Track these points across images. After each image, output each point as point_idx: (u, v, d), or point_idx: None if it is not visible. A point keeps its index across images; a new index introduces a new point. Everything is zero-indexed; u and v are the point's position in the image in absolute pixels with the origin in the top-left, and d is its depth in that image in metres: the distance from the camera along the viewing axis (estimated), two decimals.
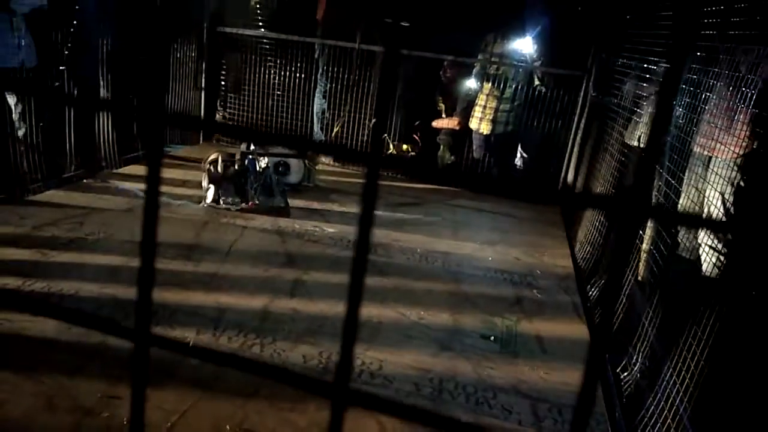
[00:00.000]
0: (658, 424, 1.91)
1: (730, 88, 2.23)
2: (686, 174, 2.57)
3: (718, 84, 2.24)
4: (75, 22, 3.66)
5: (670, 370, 1.96)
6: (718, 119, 2.36)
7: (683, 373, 1.86)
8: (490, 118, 4.75)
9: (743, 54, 2.18)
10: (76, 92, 3.80)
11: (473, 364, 2.29)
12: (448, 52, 4.83)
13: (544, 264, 3.45)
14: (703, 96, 2.33)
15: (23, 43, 3.19)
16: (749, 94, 2.11)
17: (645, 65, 3.12)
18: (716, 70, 2.24)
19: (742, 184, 2.46)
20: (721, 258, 2.41)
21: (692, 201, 2.56)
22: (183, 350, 0.33)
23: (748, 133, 2.30)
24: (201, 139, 5.39)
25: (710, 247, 2.45)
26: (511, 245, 3.70)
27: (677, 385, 1.87)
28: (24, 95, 3.36)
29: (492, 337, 2.52)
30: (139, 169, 4.24)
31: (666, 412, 1.88)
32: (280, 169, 4.09)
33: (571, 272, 3.38)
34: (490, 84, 4.73)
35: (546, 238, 3.95)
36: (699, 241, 2.51)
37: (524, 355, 2.43)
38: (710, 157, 2.52)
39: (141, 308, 0.31)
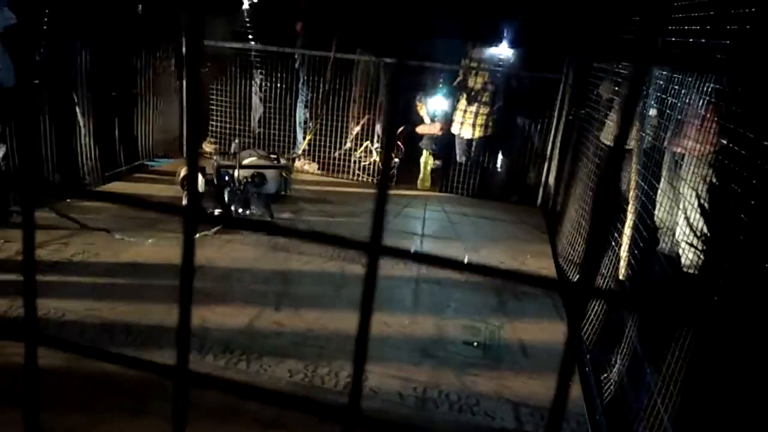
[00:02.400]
0: (641, 427, 1.95)
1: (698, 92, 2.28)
2: (663, 172, 2.63)
3: (685, 89, 2.29)
4: (45, 38, 3.64)
5: (652, 371, 2.00)
6: (689, 119, 2.41)
7: (665, 374, 1.90)
8: (471, 122, 4.79)
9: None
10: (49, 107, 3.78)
11: (456, 371, 2.33)
12: (430, 59, 4.86)
13: (527, 267, 3.49)
14: (670, 101, 2.38)
15: (0, 66, 3.19)
16: (710, 89, 2.16)
17: (617, 69, 3.18)
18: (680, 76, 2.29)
19: (714, 180, 2.52)
20: (699, 254, 2.46)
21: (669, 198, 2.61)
22: (218, 386, 0.36)
23: (716, 130, 2.35)
24: (184, 152, 5.40)
25: (687, 243, 2.50)
26: (494, 249, 3.75)
27: (660, 386, 1.92)
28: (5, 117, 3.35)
29: (475, 344, 2.55)
30: (123, 186, 4.25)
31: (648, 414, 1.92)
32: (256, 180, 3.97)
33: (553, 275, 3.43)
34: (470, 89, 4.77)
35: (529, 241, 4.00)
36: (677, 238, 2.57)
37: (507, 360, 2.47)
38: (683, 156, 2.57)
39: (180, 344, 0.34)
